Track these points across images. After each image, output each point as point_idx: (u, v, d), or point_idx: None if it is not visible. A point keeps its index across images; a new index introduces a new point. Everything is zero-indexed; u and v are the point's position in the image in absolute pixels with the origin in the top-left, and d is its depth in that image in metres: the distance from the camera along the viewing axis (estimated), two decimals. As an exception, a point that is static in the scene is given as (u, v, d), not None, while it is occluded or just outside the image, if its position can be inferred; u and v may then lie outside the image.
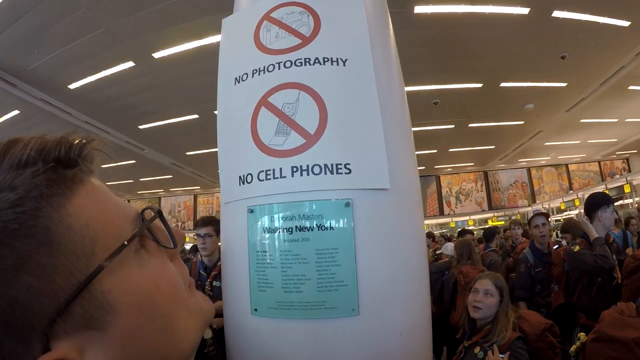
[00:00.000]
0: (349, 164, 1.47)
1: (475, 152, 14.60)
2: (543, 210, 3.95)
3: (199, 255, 3.21)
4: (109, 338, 0.33)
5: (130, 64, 6.72)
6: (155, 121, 9.29)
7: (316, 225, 1.44)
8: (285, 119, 1.54)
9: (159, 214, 0.42)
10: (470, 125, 11.23)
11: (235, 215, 1.64)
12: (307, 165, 1.47)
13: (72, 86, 7.31)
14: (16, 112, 8.10)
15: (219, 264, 2.84)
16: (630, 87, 9.13)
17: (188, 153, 11.80)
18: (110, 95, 7.72)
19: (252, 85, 1.68)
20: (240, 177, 1.59)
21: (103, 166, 0.41)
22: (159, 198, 18.86)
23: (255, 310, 1.53)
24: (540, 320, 2.14)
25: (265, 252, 1.51)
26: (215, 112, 1.84)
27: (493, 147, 13.93)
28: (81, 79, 7.10)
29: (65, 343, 0.32)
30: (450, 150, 13.95)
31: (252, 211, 1.55)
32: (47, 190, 0.33)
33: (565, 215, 13.03)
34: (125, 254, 0.36)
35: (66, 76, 6.96)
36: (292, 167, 1.48)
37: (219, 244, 2.43)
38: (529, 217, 4.08)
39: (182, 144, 10.83)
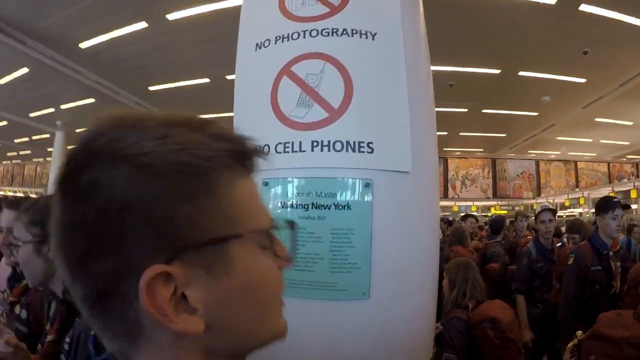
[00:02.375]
0: (371, 143, 1.41)
1: (486, 139, 14.51)
2: (551, 207, 3.93)
3: None
4: (213, 287, 0.41)
5: (144, 24, 6.57)
6: (166, 83, 9.19)
7: (333, 203, 1.38)
8: (308, 90, 1.46)
9: (291, 226, 0.53)
10: (484, 110, 11.09)
11: (249, 187, 1.59)
12: (329, 141, 1.40)
13: (84, 45, 7.18)
14: (25, 69, 8.00)
15: None
16: (650, 92, 8.90)
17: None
18: (121, 56, 7.60)
19: (275, 52, 1.59)
20: (256, 148, 1.53)
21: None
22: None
23: (264, 285, 1.50)
24: (484, 311, 2.21)
25: (278, 227, 1.47)
26: (228, 77, 1.77)
27: (504, 135, 13.83)
28: (93, 38, 6.96)
29: (182, 267, 0.39)
30: (461, 134, 13.81)
31: (266, 184, 1.49)
32: (229, 163, 0.44)
33: (569, 213, 12.96)
34: (255, 239, 0.45)
35: (78, 35, 6.83)
36: (313, 142, 1.41)
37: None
38: (537, 212, 4.09)
39: (191, 108, 10.65)
